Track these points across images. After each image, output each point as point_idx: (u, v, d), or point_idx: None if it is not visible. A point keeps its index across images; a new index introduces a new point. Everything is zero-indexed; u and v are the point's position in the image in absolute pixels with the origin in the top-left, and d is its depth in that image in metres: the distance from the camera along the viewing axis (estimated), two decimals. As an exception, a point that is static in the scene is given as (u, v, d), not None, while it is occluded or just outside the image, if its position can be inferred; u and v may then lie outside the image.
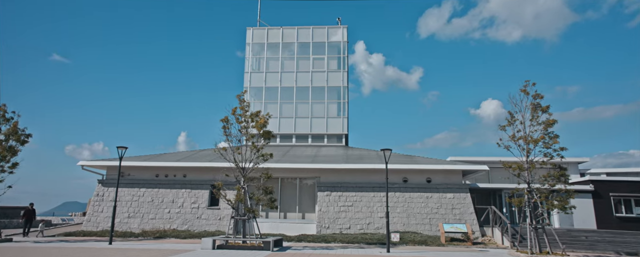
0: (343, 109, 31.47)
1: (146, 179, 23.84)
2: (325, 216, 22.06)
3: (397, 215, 21.93)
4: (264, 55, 33.36)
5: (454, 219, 21.54)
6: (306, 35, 33.65)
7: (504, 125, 16.67)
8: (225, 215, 22.33)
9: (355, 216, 22.05)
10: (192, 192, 23.28)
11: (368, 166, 22.24)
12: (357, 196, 22.52)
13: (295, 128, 31.20)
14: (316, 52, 33.12)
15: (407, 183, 22.74)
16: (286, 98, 32.00)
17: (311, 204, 23.45)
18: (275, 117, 30.68)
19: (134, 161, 23.85)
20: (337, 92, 31.98)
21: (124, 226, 22.59)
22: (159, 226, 22.41)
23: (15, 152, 18.66)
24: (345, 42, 33.26)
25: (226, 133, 17.38)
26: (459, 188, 22.40)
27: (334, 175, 23.06)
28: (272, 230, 22.22)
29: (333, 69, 32.51)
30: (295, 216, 23.33)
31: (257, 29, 34.26)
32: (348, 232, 21.41)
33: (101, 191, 23.79)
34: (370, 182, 22.78)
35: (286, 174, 23.49)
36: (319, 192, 22.73)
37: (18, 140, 18.83)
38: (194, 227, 22.38)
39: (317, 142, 30.95)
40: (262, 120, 17.25)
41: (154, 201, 23.19)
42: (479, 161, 26.20)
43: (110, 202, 23.13)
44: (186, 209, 22.92)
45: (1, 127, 18.68)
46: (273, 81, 32.51)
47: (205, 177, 23.34)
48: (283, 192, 23.72)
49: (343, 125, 31.07)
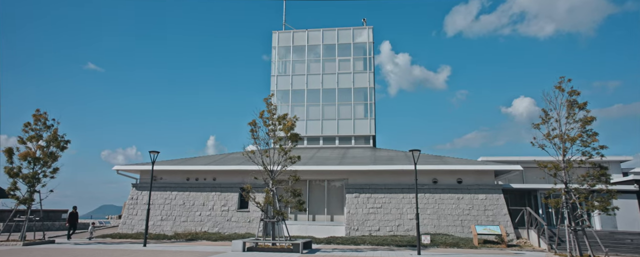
0: (370, 110, 31.24)
1: (177, 182, 24.39)
2: (354, 218, 21.91)
3: (428, 217, 21.53)
4: (290, 58, 33.58)
5: (486, 220, 20.95)
6: (331, 37, 33.65)
7: (537, 124, 16.08)
8: (255, 217, 22.55)
9: (385, 217, 21.79)
10: (222, 195, 23.64)
11: (397, 167, 21.95)
12: (386, 198, 22.25)
13: (323, 130, 31.20)
14: (342, 53, 33.05)
15: (437, 184, 22.30)
16: (313, 100, 32.07)
17: (340, 206, 23.35)
18: (302, 119, 30.80)
19: (166, 165, 24.46)
20: (364, 94, 31.79)
21: (158, 229, 23.17)
22: (190, 229, 22.86)
23: (55, 157, 19.50)
24: (370, 42, 33.04)
25: (254, 136, 17.55)
26: (491, 189, 21.77)
27: (362, 177, 22.89)
28: (301, 232, 22.26)
29: (359, 70, 32.34)
30: (323, 218, 23.28)
31: (282, 32, 34.54)
32: (377, 234, 21.17)
33: (135, 194, 24.51)
34: (399, 183, 22.47)
35: (314, 176, 23.50)
36: (347, 194, 22.61)
37: (58, 146, 19.67)
38: (225, 229, 22.70)
39: (345, 143, 30.84)
40: (290, 123, 17.32)
41: (186, 204, 23.69)
42: (512, 160, 25.39)
43: (144, 205, 23.80)
44: (216, 211, 23.29)
45: (43, 134, 19.56)
46: (299, 84, 32.65)
47: (235, 180, 23.66)
48: (311, 195, 23.73)
49: (370, 127, 30.83)
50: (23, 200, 18.52)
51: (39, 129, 19.47)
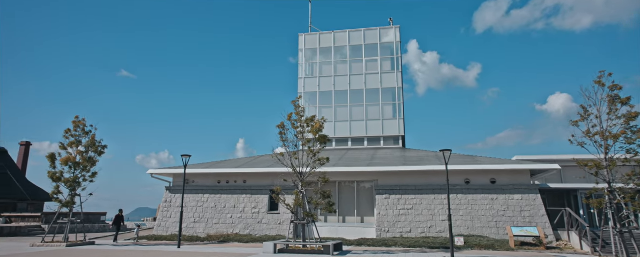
0: (398, 111, 30.86)
1: (209, 185, 24.85)
2: (385, 219, 21.66)
3: (460, 218, 21.01)
4: (316, 60, 33.65)
5: (523, 222, 20.23)
6: (358, 37, 33.49)
7: (576, 121, 15.41)
8: (285, 219, 22.67)
9: (416, 219, 21.43)
10: (252, 197, 23.91)
11: (427, 167, 21.55)
12: (417, 199, 21.88)
13: (351, 131, 31.06)
14: (369, 54, 32.84)
15: (469, 184, 21.73)
16: (340, 102, 31.99)
17: (370, 207, 23.15)
18: (331, 121, 30.77)
19: (197, 168, 24.99)
20: (392, 94, 31.44)
21: (191, 231, 23.68)
22: (222, 231, 23.23)
23: (94, 162, 20.27)
24: (397, 42, 32.67)
25: (283, 139, 17.65)
26: (527, 189, 21.01)
27: (392, 178, 22.62)
28: (331, 234, 22.20)
29: (386, 71, 32.03)
30: (354, 220, 23.14)
31: (309, 34, 34.66)
32: (409, 236, 20.83)
33: (169, 197, 25.15)
34: (430, 184, 22.05)
35: (343, 177, 23.40)
36: (377, 195, 22.38)
37: (96, 151, 20.45)
38: (256, 231, 22.94)
39: (374, 144, 30.58)
40: (318, 125, 17.32)
41: (217, 207, 24.10)
42: (549, 159, 24.43)
43: (177, 208, 24.38)
44: (247, 214, 23.57)
45: (82, 140, 20.39)
46: (327, 85, 32.66)
47: (265, 182, 23.89)
48: (341, 196, 23.65)
49: (399, 127, 30.45)
50: (65, 203, 19.33)
51: (79, 135, 20.29)
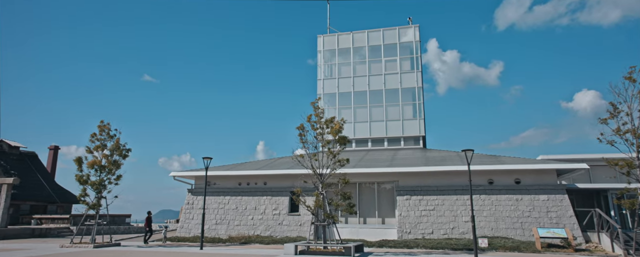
0: (419, 110, 30.52)
1: (230, 187, 25.09)
2: (406, 220, 21.41)
3: (484, 219, 20.58)
4: (335, 61, 33.62)
5: (549, 223, 19.66)
6: (376, 38, 33.31)
7: (605, 118, 14.92)
8: (306, 221, 22.68)
9: (438, 220, 21.10)
10: (272, 199, 24.02)
11: (449, 167, 21.21)
12: (439, 200, 21.55)
13: (371, 132, 30.88)
14: (388, 54, 32.61)
15: (493, 185, 21.27)
16: (360, 102, 31.86)
17: (391, 208, 22.93)
18: (350, 122, 30.67)
19: (218, 170, 25.26)
20: (412, 93, 31.12)
21: (213, 232, 23.95)
22: (243, 232, 23.41)
23: (118, 165, 20.74)
24: (417, 41, 32.33)
25: (302, 140, 17.68)
26: (553, 189, 20.42)
27: (413, 178, 22.35)
28: (352, 235, 22.09)
29: (406, 70, 31.73)
30: (374, 221, 22.97)
31: (327, 36, 34.67)
32: (431, 237, 20.54)
33: (191, 199, 25.52)
34: (452, 184, 21.70)
35: (364, 178, 23.27)
36: (398, 196, 22.16)
37: (120, 154, 20.90)
38: (276, 233, 23.02)
39: (394, 145, 30.31)
40: (337, 126, 17.28)
41: (238, 208, 24.31)
42: (577, 158, 23.69)
43: (199, 209, 24.70)
44: (268, 215, 23.68)
45: (107, 144, 20.89)
46: (346, 86, 32.58)
47: (285, 184, 23.96)
48: (361, 197, 23.51)
49: (420, 127, 30.10)
50: (92, 205, 19.84)
51: (104, 139, 20.80)
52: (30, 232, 27.45)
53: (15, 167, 36.70)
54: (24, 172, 36.77)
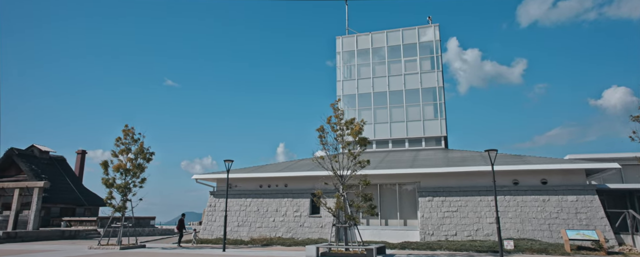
0: (440, 110, 30.11)
1: (251, 189, 25.29)
2: (429, 222, 21.11)
3: (509, 220, 20.10)
4: (354, 62, 33.53)
5: (579, 224, 19.04)
6: (396, 38, 33.07)
7: (637, 116, 14.35)
8: (327, 223, 22.63)
9: (461, 221, 20.73)
10: (293, 201, 24.08)
11: (472, 168, 20.82)
12: (462, 201, 21.18)
13: (391, 133, 30.64)
14: (407, 54, 32.32)
15: (518, 185, 20.76)
16: (380, 103, 31.67)
17: (412, 210, 22.66)
18: (370, 123, 30.51)
19: (240, 173, 25.50)
20: (433, 93, 30.74)
21: (235, 234, 24.17)
22: (265, 234, 23.54)
23: (143, 168, 21.17)
24: (437, 41, 31.94)
25: (322, 142, 17.65)
26: (582, 190, 19.78)
27: (435, 179, 22.04)
28: (373, 237, 21.92)
29: (426, 70, 31.38)
30: (396, 223, 22.74)
31: (346, 37, 34.63)
32: (454, 239, 20.18)
33: (213, 201, 25.83)
34: (475, 185, 21.28)
35: (385, 180, 23.08)
36: (420, 197, 21.88)
37: (144, 158, 21.34)
38: (298, 235, 23.06)
39: (415, 146, 29.99)
40: (357, 128, 17.19)
41: (260, 210, 24.47)
42: (607, 158, 22.91)
43: (221, 212, 24.98)
44: (289, 217, 23.75)
45: (131, 148, 21.37)
46: (365, 87, 32.45)
47: (305, 186, 23.99)
48: (383, 199, 23.32)
49: (441, 127, 29.69)
50: (118, 208, 20.32)
51: (128, 143, 21.28)
52: (61, 234, 28.31)
53: (45, 171, 37.97)
54: (54, 176, 37.99)
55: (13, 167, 38.32)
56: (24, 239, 25.74)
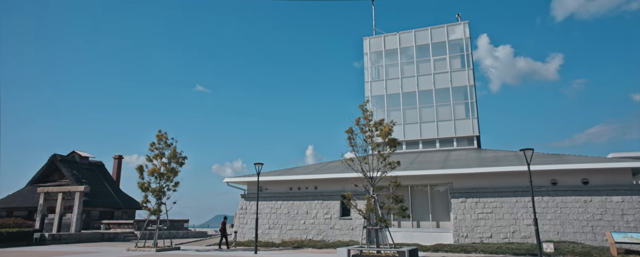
0: (471, 110, 29.37)
1: (281, 192, 25.44)
2: (462, 224, 20.56)
3: (548, 222, 19.28)
4: (382, 63, 33.24)
5: (626, 227, 18.04)
6: (424, 37, 32.55)
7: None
8: (357, 225, 22.45)
9: (497, 223, 20.07)
10: (324, 203, 24.03)
11: (507, 168, 20.13)
12: (497, 202, 20.50)
13: (421, 133, 30.13)
14: (436, 53, 31.74)
15: (556, 186, 19.91)
16: (409, 103, 31.23)
17: (445, 211, 22.14)
18: (399, 124, 30.12)
19: (270, 175, 25.70)
20: (463, 92, 30.03)
21: (266, 237, 24.35)
22: (296, 236, 23.59)
23: (176, 172, 21.69)
24: (467, 38, 31.21)
25: (351, 144, 17.54)
26: (629, 190, 18.74)
27: (468, 180, 21.46)
28: (405, 239, 21.56)
29: (456, 69, 30.70)
30: (428, 225, 22.28)
31: (373, 38, 34.38)
32: (490, 241, 19.55)
33: (244, 204, 26.14)
34: (510, 186, 20.57)
35: (416, 181, 22.68)
36: (452, 199, 21.35)
37: (177, 162, 21.86)
38: (328, 237, 22.98)
39: (446, 146, 29.36)
40: (387, 129, 16.98)
41: (290, 213, 24.56)
42: (653, 155, 21.63)
43: (252, 214, 25.24)
44: (319, 219, 23.72)
45: (165, 152, 21.94)
46: (394, 88, 32.08)
47: (335, 188, 23.90)
48: (414, 200, 22.92)
49: (473, 127, 28.94)
50: (153, 211, 20.89)
51: (162, 148, 21.87)
52: (100, 237, 29.41)
53: (85, 176, 39.61)
54: (93, 181, 39.58)
55: (56, 172, 40.21)
56: (68, 241, 26.89)
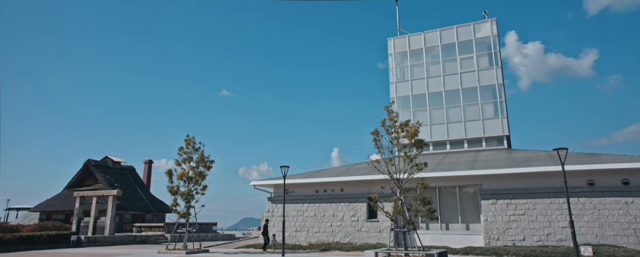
0: (500, 109, 28.61)
1: (308, 194, 25.45)
2: (493, 226, 19.99)
3: (585, 224, 18.50)
4: (407, 63, 32.86)
5: (669, 229, 17.09)
6: (450, 36, 31.98)
7: None
8: (385, 227, 22.19)
9: (530, 225, 19.41)
10: (350, 205, 23.89)
11: (539, 168, 19.47)
12: (529, 203, 19.84)
13: (448, 134, 29.56)
14: (463, 51, 31.12)
15: (594, 186, 19.09)
16: (435, 104, 30.71)
17: (474, 213, 21.60)
18: (426, 124, 29.66)
19: (296, 178, 25.78)
20: (492, 91, 29.30)
21: (293, 239, 24.40)
22: (323, 239, 23.54)
23: (204, 176, 22.01)
24: (495, 36, 30.46)
25: (377, 145, 17.35)
26: (671, 190, 17.76)
27: (498, 181, 20.87)
28: (434, 242, 21.16)
29: (484, 67, 30.00)
30: (457, 227, 21.78)
31: (397, 38, 34.05)
32: (523, 244, 18.93)
33: (271, 207, 26.30)
34: (544, 187, 19.87)
35: (443, 182, 22.24)
36: (482, 200, 20.81)
37: (205, 166, 22.19)
38: (355, 239, 22.81)
39: (474, 146, 28.70)
40: (413, 130, 16.72)
41: (317, 215, 24.54)
42: (698, 153, 20.43)
43: (279, 217, 25.36)
44: (346, 222, 23.58)
45: (193, 156, 22.32)
46: (419, 88, 31.64)
47: (362, 190, 23.73)
48: (442, 202, 22.47)
49: (502, 126, 28.18)
50: (183, 214, 21.27)
51: (190, 152, 22.25)
52: (132, 239, 30.21)
53: (118, 180, 40.84)
54: (125, 185, 40.76)
55: (91, 177, 41.64)
56: (102, 243, 27.75)
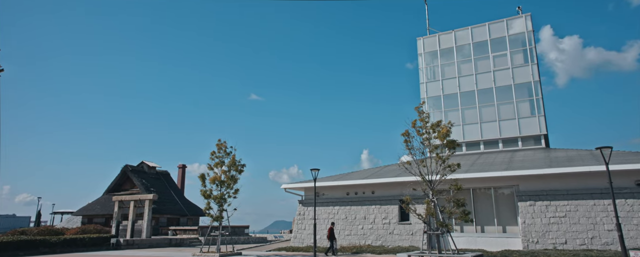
0: (537, 107, 27.58)
1: (338, 197, 25.35)
2: (532, 229, 19.22)
3: (635, 228, 17.49)
4: (437, 63, 32.27)
5: None
6: (482, 33, 31.17)
7: None
8: (417, 230, 21.78)
9: (572, 228, 18.53)
10: (381, 207, 23.61)
11: (581, 168, 18.59)
12: (570, 205, 18.96)
13: (482, 134, 28.75)
14: (496, 49, 30.25)
15: (641, 187, 18.02)
16: (467, 103, 29.97)
17: (511, 215, 20.85)
18: (458, 124, 28.98)
19: (326, 181, 25.73)
20: (527, 89, 28.31)
21: (324, 242, 24.32)
22: (354, 242, 23.35)
23: (235, 180, 22.31)
24: (529, 31, 29.47)
25: (408, 147, 17.09)
26: None
27: (536, 182, 20.07)
28: (469, 245, 20.56)
29: (518, 64, 29.04)
30: (493, 230, 21.09)
31: (427, 37, 33.51)
32: (565, 247, 18.09)
33: (302, 210, 26.36)
34: (586, 188, 18.94)
35: (478, 184, 21.61)
36: (519, 202, 20.07)
37: (237, 170, 22.50)
38: (387, 242, 22.50)
39: (509, 146, 27.77)
40: (444, 130, 16.37)
41: (348, 218, 24.38)
42: None
43: (310, 220, 25.37)
44: (378, 224, 23.31)
45: (224, 160, 22.69)
46: (451, 88, 30.98)
47: (393, 192, 23.41)
48: (477, 204, 21.83)
49: (539, 125, 27.14)
50: (216, 217, 21.63)
51: (222, 156, 22.63)
52: (168, 242, 31.02)
53: (154, 184, 42.12)
54: (161, 189, 41.98)
55: (128, 182, 43.15)
56: (140, 246, 28.63)
